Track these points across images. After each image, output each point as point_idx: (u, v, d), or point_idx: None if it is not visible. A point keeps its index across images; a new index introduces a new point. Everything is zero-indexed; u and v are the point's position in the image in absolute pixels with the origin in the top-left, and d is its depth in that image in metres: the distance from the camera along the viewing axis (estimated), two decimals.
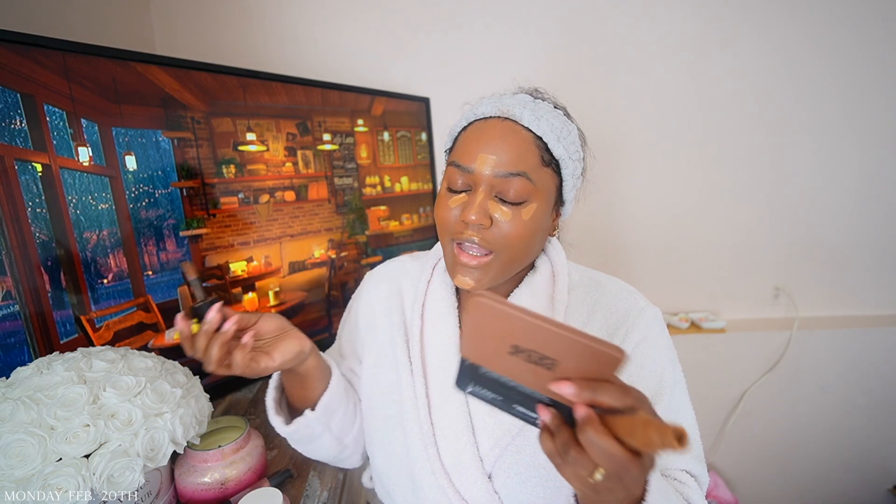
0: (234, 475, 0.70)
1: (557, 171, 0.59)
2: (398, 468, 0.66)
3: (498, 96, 0.62)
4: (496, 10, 1.45)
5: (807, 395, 1.73)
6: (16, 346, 0.73)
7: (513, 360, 0.38)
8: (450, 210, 0.59)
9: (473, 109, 0.61)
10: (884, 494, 1.81)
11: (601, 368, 0.36)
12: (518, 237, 0.57)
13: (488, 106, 0.59)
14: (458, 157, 0.59)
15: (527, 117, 0.56)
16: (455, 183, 0.59)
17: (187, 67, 0.96)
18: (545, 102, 0.61)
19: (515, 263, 0.60)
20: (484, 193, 0.56)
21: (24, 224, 0.73)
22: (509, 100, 0.59)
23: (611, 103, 1.54)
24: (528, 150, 0.56)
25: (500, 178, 0.55)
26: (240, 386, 1.09)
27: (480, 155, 0.56)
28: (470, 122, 0.61)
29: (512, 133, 0.56)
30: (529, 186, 0.56)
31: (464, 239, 0.57)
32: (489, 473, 0.61)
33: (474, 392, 0.43)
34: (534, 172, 0.56)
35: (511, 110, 0.57)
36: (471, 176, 0.57)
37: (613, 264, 1.66)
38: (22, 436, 0.53)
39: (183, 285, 0.97)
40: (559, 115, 0.60)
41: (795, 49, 1.50)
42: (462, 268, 0.59)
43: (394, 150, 1.41)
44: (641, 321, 0.62)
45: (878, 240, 1.64)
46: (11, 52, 0.71)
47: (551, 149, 0.57)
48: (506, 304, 0.36)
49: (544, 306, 0.64)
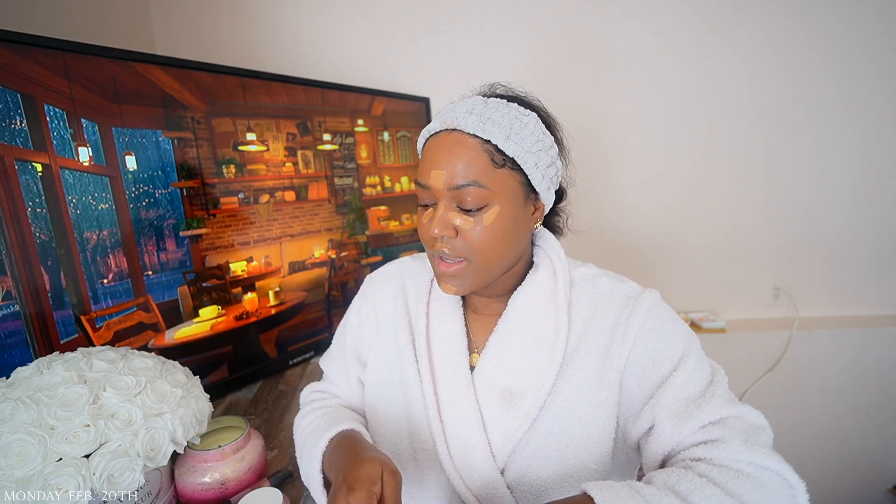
0: (234, 475, 0.70)
1: (516, 168, 0.59)
2: (405, 469, 0.66)
3: (450, 106, 0.62)
4: (496, 11, 1.45)
5: (807, 395, 1.73)
6: (16, 346, 0.73)
7: None
8: (423, 225, 0.61)
9: (428, 127, 0.62)
10: (884, 494, 1.81)
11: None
12: (484, 242, 0.58)
13: (437, 121, 0.60)
14: (419, 175, 0.60)
15: (471, 124, 0.56)
16: (422, 199, 0.61)
17: (187, 67, 0.96)
18: (497, 100, 0.60)
19: (493, 265, 0.61)
20: (444, 206, 0.58)
21: (24, 224, 0.73)
22: (459, 107, 0.60)
23: (611, 103, 1.54)
24: (476, 157, 0.56)
25: (454, 191, 0.57)
26: (240, 386, 1.09)
27: (433, 171, 0.58)
28: (426, 139, 0.62)
29: (458, 144, 0.57)
30: (484, 192, 0.56)
31: (436, 252, 0.60)
32: (501, 469, 0.61)
33: None
34: (485, 177, 0.56)
35: (455, 120, 0.57)
36: (429, 192, 0.59)
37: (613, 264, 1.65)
38: (22, 436, 0.53)
39: (183, 285, 0.97)
40: (510, 112, 0.59)
41: (795, 49, 1.50)
42: (442, 276, 0.61)
43: (394, 150, 1.41)
44: (640, 304, 0.62)
45: (878, 240, 1.64)
46: (11, 52, 0.71)
47: (502, 149, 0.57)
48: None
49: (547, 303, 0.64)
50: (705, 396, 0.56)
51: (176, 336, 0.96)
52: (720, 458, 0.51)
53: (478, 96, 0.62)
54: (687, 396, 0.56)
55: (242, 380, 1.09)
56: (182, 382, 0.69)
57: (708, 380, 0.58)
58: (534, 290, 0.65)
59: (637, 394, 0.59)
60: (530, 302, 0.65)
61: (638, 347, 0.60)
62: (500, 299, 0.68)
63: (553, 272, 0.67)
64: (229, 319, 1.06)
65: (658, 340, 0.60)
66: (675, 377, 0.57)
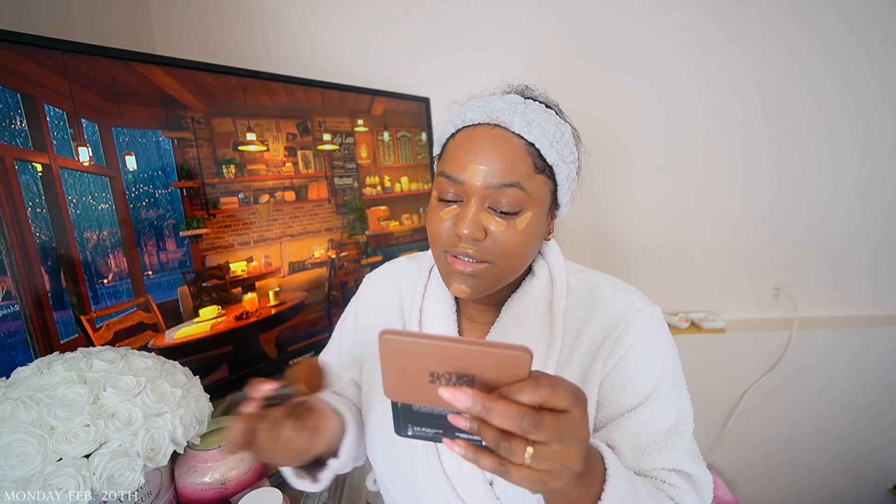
0: (234, 475, 0.70)
1: (551, 177, 0.57)
2: (399, 474, 0.66)
3: (486, 98, 0.59)
4: (496, 10, 1.45)
5: (806, 396, 1.73)
6: (16, 346, 0.73)
7: (435, 387, 0.37)
8: (442, 222, 0.56)
9: (462, 114, 0.58)
10: (884, 494, 1.81)
11: (514, 371, 0.36)
12: (514, 247, 0.55)
13: (476, 111, 0.56)
14: (448, 166, 0.56)
15: (517, 123, 0.54)
16: (446, 193, 0.56)
17: (187, 67, 0.96)
18: (536, 103, 0.58)
19: (512, 273, 0.59)
20: (476, 205, 0.54)
21: (24, 224, 0.73)
22: (498, 103, 0.56)
23: (611, 103, 1.54)
24: (520, 158, 0.53)
25: (493, 190, 0.53)
26: (240, 386, 1.09)
27: (471, 166, 0.53)
28: (458, 129, 0.58)
29: (502, 141, 0.53)
30: (523, 196, 0.54)
31: (458, 252, 0.55)
32: (490, 480, 0.61)
33: (415, 434, 0.42)
34: (527, 181, 0.54)
35: (500, 116, 0.54)
36: (461, 187, 0.54)
37: (613, 264, 1.66)
38: (22, 436, 0.53)
39: (183, 285, 0.97)
40: (551, 117, 0.57)
41: (795, 49, 1.50)
42: (457, 275, 0.56)
43: (394, 150, 1.41)
44: (637, 322, 0.60)
45: (878, 240, 1.64)
46: (11, 52, 0.71)
47: (544, 155, 0.55)
48: (409, 335, 0.36)
49: (542, 312, 0.63)
50: (667, 443, 0.57)
51: (176, 336, 0.96)
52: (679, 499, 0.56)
53: (515, 95, 0.59)
54: (648, 433, 0.57)
55: (242, 380, 1.09)
56: (182, 382, 0.69)
57: (670, 424, 0.59)
58: (528, 299, 0.64)
59: (604, 411, 0.60)
60: (524, 311, 0.63)
61: (620, 367, 0.59)
62: (494, 307, 0.67)
63: (549, 279, 0.65)
64: (229, 319, 1.06)
65: (637, 367, 0.59)
66: (640, 412, 0.58)
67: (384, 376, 0.38)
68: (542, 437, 0.35)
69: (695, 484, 0.58)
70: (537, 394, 0.35)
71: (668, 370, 0.60)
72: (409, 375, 0.37)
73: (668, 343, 0.62)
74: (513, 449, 0.35)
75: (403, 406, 0.40)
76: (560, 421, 0.36)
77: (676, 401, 0.60)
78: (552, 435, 0.35)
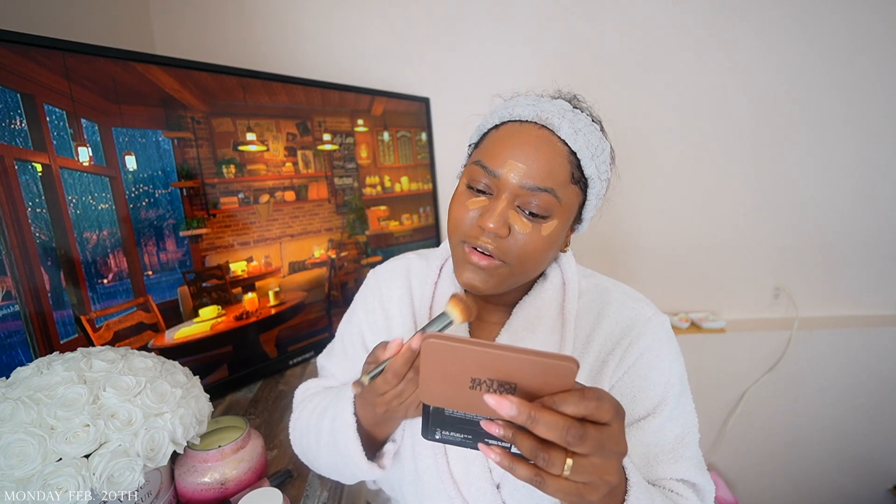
0: (234, 475, 0.70)
1: (583, 190, 0.57)
2: (405, 477, 0.66)
3: (535, 97, 0.58)
4: (496, 10, 1.45)
5: (807, 395, 1.73)
6: (16, 346, 0.73)
7: (474, 394, 0.37)
8: (467, 211, 0.55)
9: (509, 108, 0.56)
10: (884, 494, 1.81)
11: (558, 381, 0.36)
12: (533, 252, 0.54)
13: (526, 108, 0.55)
14: (485, 157, 0.55)
15: (565, 129, 0.53)
16: (477, 183, 0.55)
17: (187, 67, 0.96)
18: (583, 114, 0.57)
19: (524, 276, 0.58)
20: (506, 202, 0.53)
21: (24, 224, 0.73)
22: (548, 105, 0.55)
23: (610, 104, 1.54)
24: (560, 164, 0.53)
25: (526, 190, 0.52)
26: (240, 386, 1.09)
27: (510, 161, 0.52)
28: (503, 122, 0.56)
29: (547, 144, 0.53)
30: (554, 203, 0.53)
31: (477, 244, 0.54)
32: (497, 483, 0.61)
33: (443, 438, 0.41)
34: (561, 189, 0.53)
35: (550, 118, 0.53)
36: (496, 181, 0.53)
37: (614, 264, 1.66)
38: (22, 436, 0.53)
39: (183, 285, 0.97)
40: (595, 131, 0.57)
41: (794, 50, 1.50)
42: (471, 266, 0.55)
43: (394, 150, 1.41)
44: (647, 332, 0.60)
45: (877, 240, 1.64)
46: (11, 52, 0.71)
47: (583, 166, 0.54)
48: (454, 340, 0.36)
49: (554, 315, 0.63)
50: (675, 453, 0.58)
51: (176, 336, 0.96)
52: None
53: (564, 101, 0.59)
54: (657, 442, 0.58)
55: (242, 380, 1.09)
56: (182, 382, 0.69)
57: (678, 433, 0.59)
58: (540, 302, 0.64)
59: None
60: (536, 314, 0.63)
61: (629, 376, 0.60)
62: (505, 308, 0.66)
63: (562, 283, 0.65)
64: (229, 319, 1.06)
65: (645, 377, 0.59)
66: (649, 422, 0.58)
67: (422, 379, 0.38)
68: (586, 449, 0.35)
69: (700, 493, 0.59)
70: (583, 406, 0.35)
71: (675, 380, 0.60)
72: (450, 380, 0.37)
73: (676, 353, 0.62)
74: (552, 460, 0.35)
75: (435, 410, 0.40)
76: (602, 434, 0.36)
77: (683, 410, 0.61)
78: (595, 448, 0.35)
